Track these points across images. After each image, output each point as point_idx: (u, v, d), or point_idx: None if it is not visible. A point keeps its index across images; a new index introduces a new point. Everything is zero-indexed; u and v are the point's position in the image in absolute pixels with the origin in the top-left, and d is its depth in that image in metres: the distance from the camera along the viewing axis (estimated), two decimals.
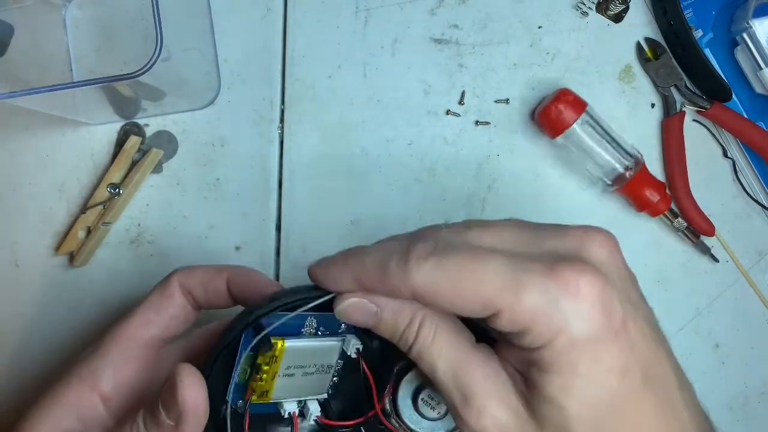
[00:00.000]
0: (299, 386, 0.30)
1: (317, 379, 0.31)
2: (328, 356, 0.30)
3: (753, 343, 0.43)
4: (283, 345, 0.28)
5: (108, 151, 0.42)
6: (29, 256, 0.42)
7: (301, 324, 0.30)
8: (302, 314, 0.29)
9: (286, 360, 0.29)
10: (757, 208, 0.43)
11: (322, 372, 0.31)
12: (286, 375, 0.29)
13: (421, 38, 0.43)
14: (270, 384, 0.29)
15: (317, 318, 0.30)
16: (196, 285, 0.32)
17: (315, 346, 0.30)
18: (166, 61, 0.31)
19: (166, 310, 0.32)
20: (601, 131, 0.40)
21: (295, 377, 0.30)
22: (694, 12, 0.43)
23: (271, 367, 0.29)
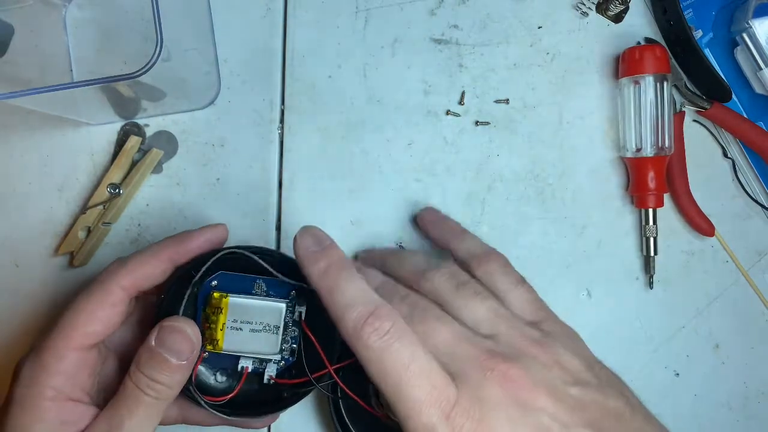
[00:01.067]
0: (248, 341, 0.35)
1: (266, 338, 0.35)
2: (273, 316, 0.35)
3: (753, 343, 0.43)
4: (227, 299, 0.34)
5: (108, 151, 0.42)
6: (29, 256, 0.42)
7: (251, 285, 0.35)
8: (252, 276, 0.35)
9: (232, 313, 0.34)
10: (757, 208, 0.43)
11: (270, 331, 0.35)
12: (233, 328, 0.34)
13: (421, 38, 0.43)
14: (219, 334, 0.34)
15: (266, 282, 0.35)
16: (140, 281, 0.33)
17: (259, 305, 0.35)
18: (166, 61, 0.31)
19: (109, 319, 0.32)
20: (660, 104, 0.41)
21: (243, 332, 0.35)
22: (694, 12, 0.43)
23: (219, 317, 0.34)
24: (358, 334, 0.28)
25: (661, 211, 0.42)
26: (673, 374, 0.43)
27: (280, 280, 0.35)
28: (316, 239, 0.32)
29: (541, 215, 0.43)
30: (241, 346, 0.35)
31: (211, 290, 0.35)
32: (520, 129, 0.43)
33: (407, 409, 0.27)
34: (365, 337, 0.28)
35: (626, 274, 0.43)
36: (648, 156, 0.41)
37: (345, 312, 0.29)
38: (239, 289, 0.35)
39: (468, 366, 0.28)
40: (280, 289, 0.35)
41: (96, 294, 0.32)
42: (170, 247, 0.34)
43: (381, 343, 0.28)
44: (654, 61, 0.40)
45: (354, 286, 0.30)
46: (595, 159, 0.43)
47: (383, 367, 0.27)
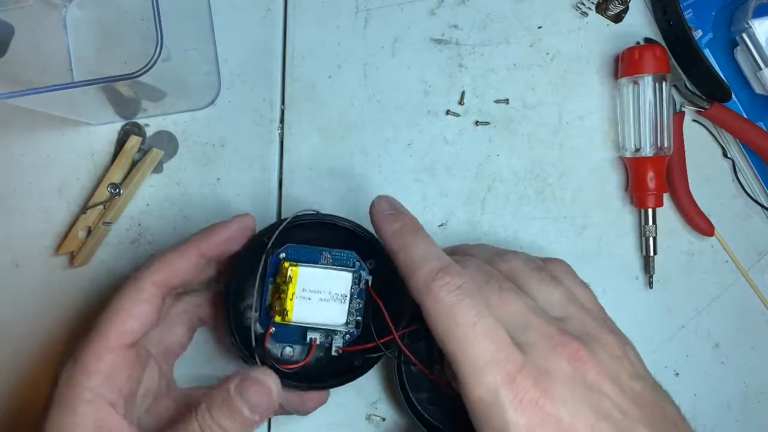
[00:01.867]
0: (317, 311, 0.35)
1: (334, 308, 0.35)
2: (341, 285, 0.35)
3: (753, 343, 0.43)
4: (296, 268, 0.34)
5: (108, 151, 0.42)
6: (29, 256, 0.42)
7: (317, 256, 0.35)
8: (318, 248, 0.35)
9: (301, 282, 0.34)
10: (756, 208, 0.43)
11: (338, 301, 0.35)
12: (303, 297, 0.35)
13: (421, 38, 0.43)
14: (289, 304, 0.34)
15: (333, 253, 0.36)
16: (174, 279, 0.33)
17: (327, 273, 0.35)
18: (166, 61, 0.31)
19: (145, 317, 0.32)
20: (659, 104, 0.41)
21: (312, 302, 0.35)
22: (693, 12, 0.43)
23: (289, 287, 0.34)
24: (429, 286, 0.28)
25: (661, 211, 0.42)
26: (673, 374, 0.43)
27: (346, 252, 0.36)
28: (391, 204, 0.33)
29: (541, 215, 0.43)
30: (310, 317, 0.35)
31: (280, 261, 0.35)
32: (520, 129, 0.43)
33: (471, 366, 0.27)
34: (436, 290, 0.28)
35: (626, 274, 0.43)
36: (647, 156, 0.41)
37: (418, 266, 0.29)
38: (307, 259, 0.35)
39: (538, 337, 0.28)
40: (347, 259, 0.36)
41: (129, 292, 0.32)
42: (198, 242, 0.34)
43: (452, 297, 0.28)
44: (653, 61, 0.40)
45: (427, 244, 0.30)
46: (595, 159, 0.43)
47: (451, 321, 0.27)
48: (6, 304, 0.42)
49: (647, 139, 0.41)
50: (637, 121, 0.41)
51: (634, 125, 0.41)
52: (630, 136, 0.41)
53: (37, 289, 0.42)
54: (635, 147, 0.41)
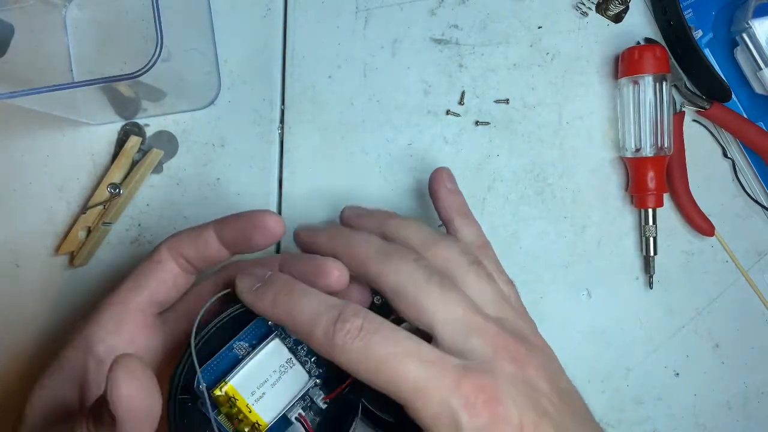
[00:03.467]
0: (280, 396, 0.31)
1: (290, 378, 0.31)
2: (277, 356, 0.31)
3: (753, 343, 0.43)
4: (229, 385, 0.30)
5: (108, 151, 0.42)
6: (29, 256, 0.42)
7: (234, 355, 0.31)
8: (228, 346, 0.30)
9: (244, 391, 0.30)
10: (757, 208, 0.43)
11: (287, 369, 0.31)
12: (259, 399, 0.30)
13: (421, 38, 0.43)
14: (253, 416, 0.30)
15: (242, 337, 0.31)
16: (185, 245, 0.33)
17: (258, 360, 0.31)
18: (166, 61, 0.31)
19: (154, 274, 0.32)
20: (659, 104, 0.41)
21: (267, 394, 0.30)
22: (694, 12, 0.43)
23: (239, 405, 0.30)
24: (332, 342, 0.26)
25: (661, 211, 0.42)
26: (673, 374, 0.43)
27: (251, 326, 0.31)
28: (254, 277, 0.30)
29: (541, 215, 0.43)
30: (279, 404, 0.31)
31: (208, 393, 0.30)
32: (520, 129, 0.43)
33: (412, 392, 0.26)
34: (340, 343, 0.26)
35: (626, 274, 0.43)
36: (648, 156, 0.41)
37: (311, 328, 0.27)
38: (228, 367, 0.31)
39: (481, 341, 0.28)
40: (258, 330, 0.32)
41: (146, 259, 0.33)
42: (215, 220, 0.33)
43: (358, 341, 0.26)
44: (653, 61, 0.40)
45: (309, 299, 0.28)
46: (595, 159, 0.43)
47: (370, 365, 0.26)
48: (6, 304, 0.42)
49: (647, 139, 0.41)
50: (638, 121, 0.41)
51: (634, 125, 0.41)
52: (630, 136, 0.41)
53: (37, 289, 0.42)
54: (635, 147, 0.41)
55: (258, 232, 0.32)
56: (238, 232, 0.32)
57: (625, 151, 0.42)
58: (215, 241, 0.33)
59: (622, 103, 0.42)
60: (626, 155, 0.42)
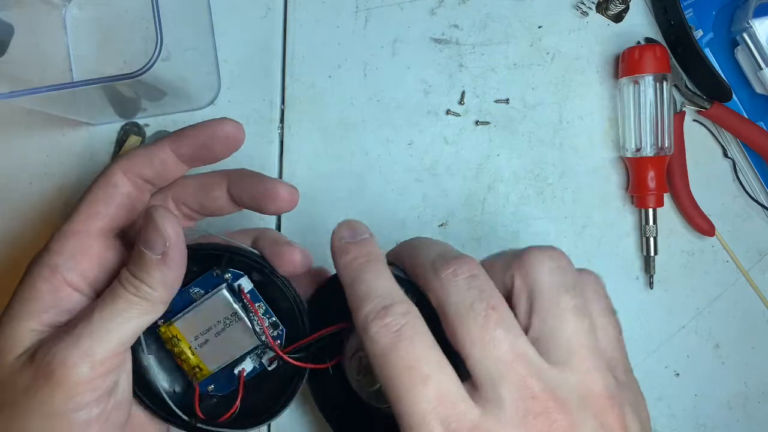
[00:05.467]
0: (225, 347, 0.32)
1: (237, 332, 0.32)
2: (223, 307, 0.32)
3: (753, 343, 0.43)
4: (171, 325, 0.32)
5: (108, 151, 0.42)
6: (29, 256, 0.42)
7: (188, 297, 0.32)
8: (185, 289, 0.32)
9: (188, 333, 0.32)
10: (757, 208, 0.43)
11: (233, 323, 0.32)
12: (203, 345, 0.32)
13: (421, 38, 0.43)
14: (194, 360, 0.32)
15: (199, 283, 0.32)
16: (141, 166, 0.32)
17: (204, 307, 0.32)
18: (166, 61, 0.31)
19: (112, 199, 0.31)
20: (660, 104, 0.41)
21: (211, 342, 0.32)
22: (694, 12, 0.43)
23: (182, 346, 0.32)
24: (367, 326, 0.25)
25: (661, 211, 0.42)
26: (673, 374, 0.43)
27: (205, 275, 0.32)
28: (352, 231, 0.29)
29: (542, 215, 0.43)
30: (223, 356, 0.32)
31: (154, 328, 0.32)
32: (520, 129, 0.43)
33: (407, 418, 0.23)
34: (372, 331, 0.25)
35: (626, 274, 0.43)
36: (648, 156, 0.41)
37: (360, 304, 0.26)
38: (179, 309, 0.32)
39: (512, 395, 0.23)
40: (209, 281, 0.32)
41: (98, 181, 0.32)
42: (171, 138, 0.32)
43: (388, 338, 0.24)
44: (654, 61, 0.40)
45: (376, 278, 0.27)
46: (595, 159, 0.43)
47: (386, 365, 0.24)
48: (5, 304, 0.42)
49: (648, 138, 0.41)
50: (638, 121, 0.41)
51: (634, 125, 0.41)
52: (631, 135, 0.41)
53: None
54: (636, 147, 0.41)
55: (217, 142, 0.32)
56: (196, 146, 0.32)
57: (626, 151, 0.42)
58: (172, 158, 0.32)
59: (623, 102, 0.42)
60: (626, 155, 0.42)
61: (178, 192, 0.33)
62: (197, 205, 0.33)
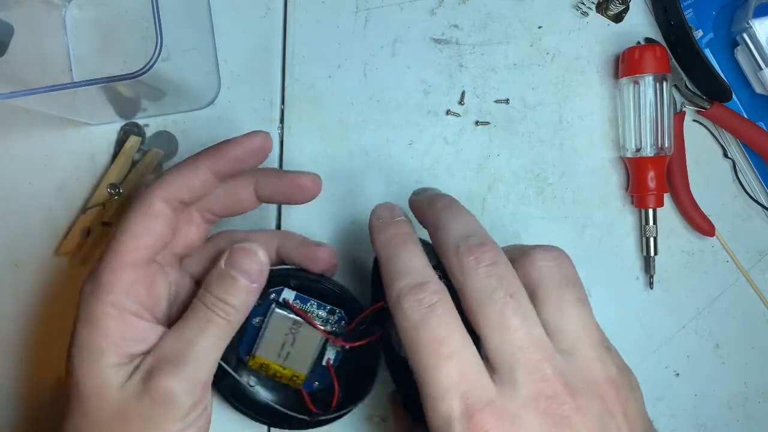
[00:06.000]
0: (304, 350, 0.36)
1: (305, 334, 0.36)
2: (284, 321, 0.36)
3: (753, 343, 0.43)
4: (255, 357, 0.36)
5: (108, 151, 0.42)
6: (29, 256, 0.42)
7: (254, 327, 0.37)
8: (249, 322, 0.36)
9: (270, 356, 0.36)
10: (757, 208, 0.43)
11: (298, 329, 0.36)
12: (287, 358, 0.36)
13: (421, 38, 0.43)
14: (288, 372, 0.37)
15: (255, 312, 0.36)
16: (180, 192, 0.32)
17: (270, 330, 0.36)
18: (166, 61, 0.31)
19: (154, 231, 0.32)
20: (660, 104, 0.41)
21: (292, 353, 0.36)
22: (694, 12, 0.43)
23: (270, 366, 0.37)
24: (400, 301, 0.26)
25: (661, 211, 0.42)
26: (673, 374, 0.43)
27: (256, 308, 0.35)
28: (389, 212, 0.32)
29: (542, 215, 0.43)
30: (307, 357, 0.37)
31: (243, 359, 0.37)
32: (520, 129, 0.43)
33: (431, 390, 0.25)
34: (405, 305, 0.26)
35: (626, 274, 0.43)
36: (648, 156, 0.41)
37: (394, 279, 0.27)
38: (252, 341, 0.37)
39: (526, 377, 0.25)
40: (266, 304, 0.36)
41: (136, 209, 0.32)
42: (208, 158, 0.33)
43: (419, 313, 0.26)
44: (654, 61, 0.40)
45: (412, 257, 0.29)
46: (595, 159, 0.43)
47: (416, 339, 0.25)
48: (6, 305, 0.42)
49: (648, 139, 0.41)
50: (638, 121, 0.41)
51: (634, 125, 0.41)
52: (630, 136, 0.41)
53: (36, 290, 0.42)
54: (636, 147, 0.41)
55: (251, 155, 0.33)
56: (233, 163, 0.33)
57: (626, 151, 0.42)
58: (211, 179, 0.33)
59: (623, 103, 0.42)
60: (626, 155, 0.42)
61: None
62: (222, 209, 0.35)
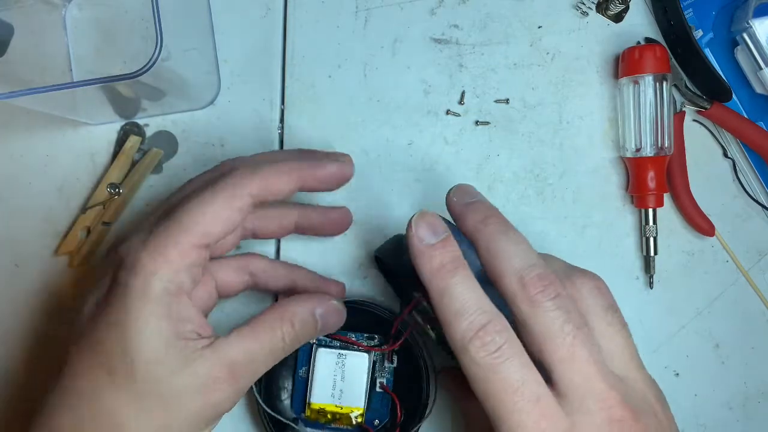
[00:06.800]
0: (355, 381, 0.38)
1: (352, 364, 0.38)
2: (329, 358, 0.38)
3: (753, 343, 0.43)
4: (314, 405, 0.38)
5: (108, 151, 0.42)
6: (29, 256, 0.42)
7: (302, 378, 0.39)
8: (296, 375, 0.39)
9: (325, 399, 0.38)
10: (757, 208, 0.43)
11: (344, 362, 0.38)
12: (341, 396, 0.38)
13: (421, 38, 0.43)
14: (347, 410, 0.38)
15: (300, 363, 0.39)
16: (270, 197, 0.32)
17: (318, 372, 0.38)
18: (166, 61, 0.31)
19: (231, 223, 0.31)
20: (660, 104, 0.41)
21: (345, 389, 0.38)
22: (694, 12, 0.43)
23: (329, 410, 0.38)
24: (466, 346, 0.26)
25: (661, 211, 0.42)
26: (673, 374, 0.43)
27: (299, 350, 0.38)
28: (432, 229, 0.29)
29: (542, 215, 0.43)
30: (360, 388, 0.38)
31: (300, 416, 0.38)
32: (520, 129, 0.43)
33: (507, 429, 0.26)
34: (473, 352, 0.26)
35: (626, 274, 0.43)
36: (648, 156, 0.41)
37: (454, 319, 0.27)
38: (303, 392, 0.38)
39: (596, 406, 0.26)
40: (305, 350, 0.38)
41: (224, 195, 0.31)
42: (302, 171, 0.33)
43: (489, 360, 0.26)
44: (653, 61, 0.40)
45: (467, 290, 0.28)
46: (595, 159, 0.43)
47: (489, 386, 0.26)
48: (5, 304, 0.42)
49: (648, 138, 0.41)
50: (638, 121, 0.41)
51: (634, 125, 0.41)
52: (630, 135, 0.41)
53: (37, 289, 0.42)
54: (636, 147, 0.41)
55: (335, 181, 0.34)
56: (320, 182, 0.34)
57: (626, 151, 0.42)
58: (296, 189, 0.33)
59: (623, 102, 0.42)
60: (626, 155, 0.42)
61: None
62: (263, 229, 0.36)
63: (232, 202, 0.31)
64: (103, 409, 0.29)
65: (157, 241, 0.30)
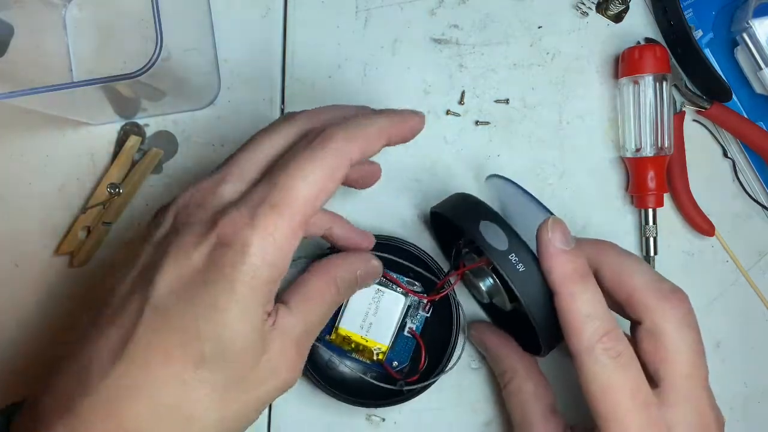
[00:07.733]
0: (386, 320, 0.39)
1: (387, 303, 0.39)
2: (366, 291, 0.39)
3: (753, 343, 0.43)
4: (340, 329, 0.39)
5: (108, 151, 0.42)
6: (29, 256, 0.42)
7: None
8: None
9: (353, 328, 0.39)
10: (757, 208, 0.43)
11: (380, 298, 0.39)
12: (369, 329, 0.39)
13: (421, 38, 0.43)
14: (371, 344, 0.39)
15: None
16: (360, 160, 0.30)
17: (352, 301, 0.38)
18: (166, 61, 0.31)
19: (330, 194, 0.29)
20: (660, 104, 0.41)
21: (374, 324, 0.38)
22: (694, 12, 0.43)
23: (354, 339, 0.39)
24: (592, 347, 0.29)
25: (661, 211, 0.42)
26: None
27: None
28: (565, 237, 0.31)
29: None
30: (390, 327, 0.39)
31: (325, 338, 0.39)
32: (520, 129, 0.43)
33: None
34: (598, 353, 0.29)
35: None
36: (648, 156, 0.41)
37: (584, 323, 0.30)
38: (333, 317, 0.38)
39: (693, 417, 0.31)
40: None
41: (329, 167, 0.28)
42: (391, 128, 0.31)
43: (613, 363, 0.29)
44: (653, 61, 0.40)
45: (594, 298, 0.30)
46: (595, 159, 0.43)
47: (608, 386, 0.29)
48: (5, 304, 0.42)
49: (648, 138, 0.41)
50: (638, 121, 0.41)
51: (634, 125, 0.41)
52: (630, 135, 0.41)
53: (36, 289, 0.42)
54: (636, 147, 0.41)
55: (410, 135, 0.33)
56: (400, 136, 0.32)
57: (626, 151, 0.42)
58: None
59: (623, 102, 0.42)
60: (626, 155, 0.42)
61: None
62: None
63: (335, 174, 0.28)
64: (184, 396, 0.26)
65: (267, 223, 0.27)
